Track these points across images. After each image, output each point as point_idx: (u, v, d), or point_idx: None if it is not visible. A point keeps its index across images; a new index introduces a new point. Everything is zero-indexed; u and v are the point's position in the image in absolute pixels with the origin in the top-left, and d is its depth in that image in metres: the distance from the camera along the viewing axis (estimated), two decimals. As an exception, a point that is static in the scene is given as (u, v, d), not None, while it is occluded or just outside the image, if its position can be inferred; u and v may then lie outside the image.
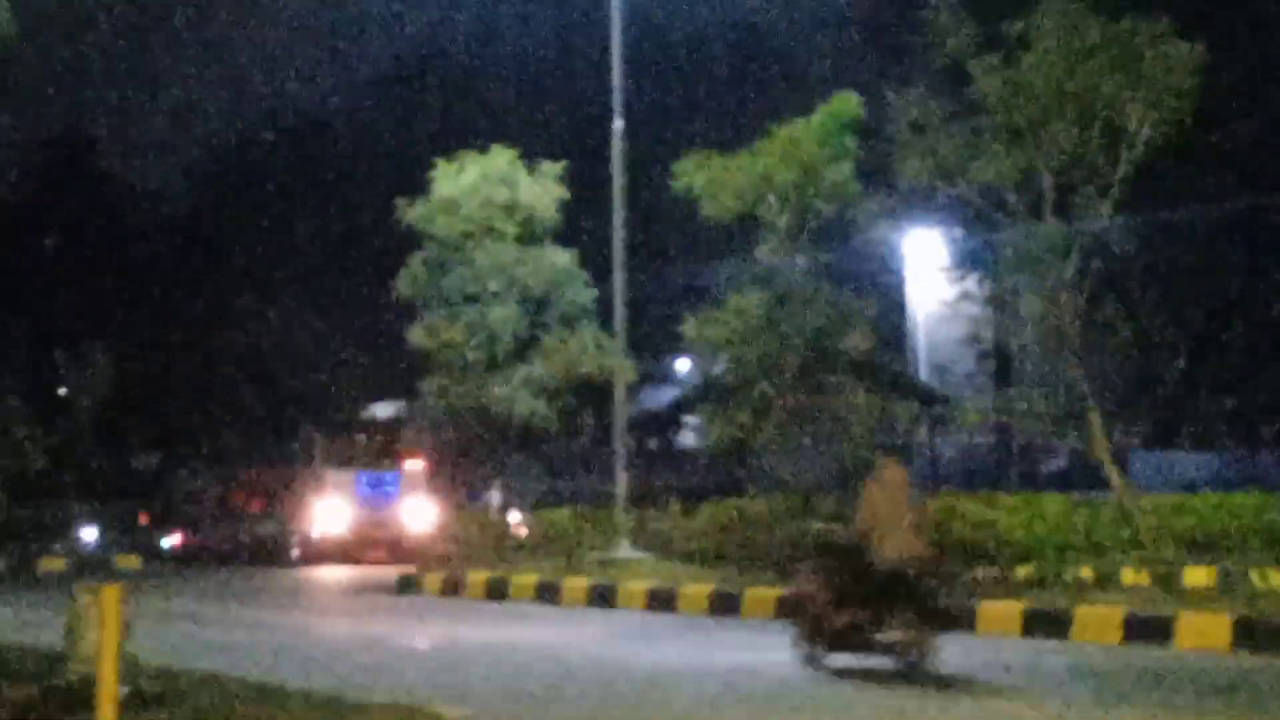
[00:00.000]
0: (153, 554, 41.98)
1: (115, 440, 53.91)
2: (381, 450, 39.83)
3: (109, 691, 10.61)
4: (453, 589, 29.73)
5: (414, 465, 39.18)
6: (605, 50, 33.33)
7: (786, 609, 19.66)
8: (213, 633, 23.17)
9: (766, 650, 18.85)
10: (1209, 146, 34.51)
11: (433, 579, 30.50)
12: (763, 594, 24.71)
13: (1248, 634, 19.24)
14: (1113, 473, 24.83)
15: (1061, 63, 24.08)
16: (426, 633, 23.29)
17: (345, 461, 39.34)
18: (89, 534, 43.78)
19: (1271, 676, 17.23)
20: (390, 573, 32.87)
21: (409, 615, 26.20)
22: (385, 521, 37.85)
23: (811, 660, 17.22)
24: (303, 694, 13.90)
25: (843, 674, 16.98)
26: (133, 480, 50.92)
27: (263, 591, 32.17)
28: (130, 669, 12.60)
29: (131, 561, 40.24)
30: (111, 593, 10.99)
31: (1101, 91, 24.05)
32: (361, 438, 40.55)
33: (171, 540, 43.50)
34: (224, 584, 34.12)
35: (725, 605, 24.92)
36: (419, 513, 36.82)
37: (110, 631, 10.72)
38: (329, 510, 38.72)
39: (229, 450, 53.32)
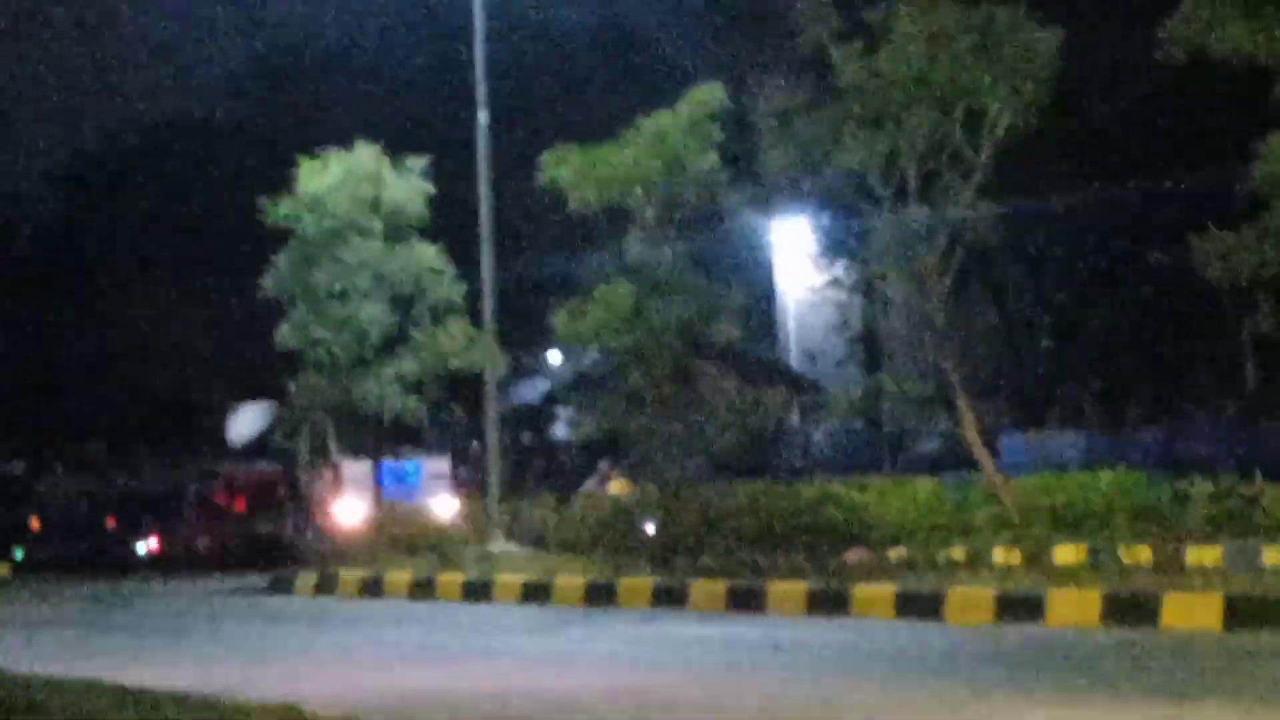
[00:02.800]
0: (127, 562, 39.45)
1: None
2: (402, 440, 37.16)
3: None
4: (326, 589, 29.57)
5: (438, 456, 36.80)
6: (469, 44, 33.24)
7: None
8: (82, 638, 22.91)
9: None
10: (1068, 131, 34.88)
11: (305, 579, 30.31)
12: (638, 583, 24.79)
13: (1117, 609, 19.52)
14: (982, 454, 25.08)
15: (921, 50, 24.25)
16: (300, 635, 23.14)
17: (363, 452, 35.47)
18: None
19: (1139, 649, 17.51)
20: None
21: (284, 618, 26.03)
22: (408, 516, 34.00)
23: None
24: (176, 697, 13.76)
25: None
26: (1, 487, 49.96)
27: (135, 596, 31.84)
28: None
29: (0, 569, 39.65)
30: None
31: (961, 79, 24.24)
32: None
33: (147, 545, 40.60)
34: (95, 591, 33.73)
35: (601, 596, 24.97)
36: (443, 506, 33.96)
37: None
38: (345, 505, 34.58)
39: (98, 454, 52.63)
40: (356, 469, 34.49)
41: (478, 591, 26.81)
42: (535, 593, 25.99)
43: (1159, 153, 38.13)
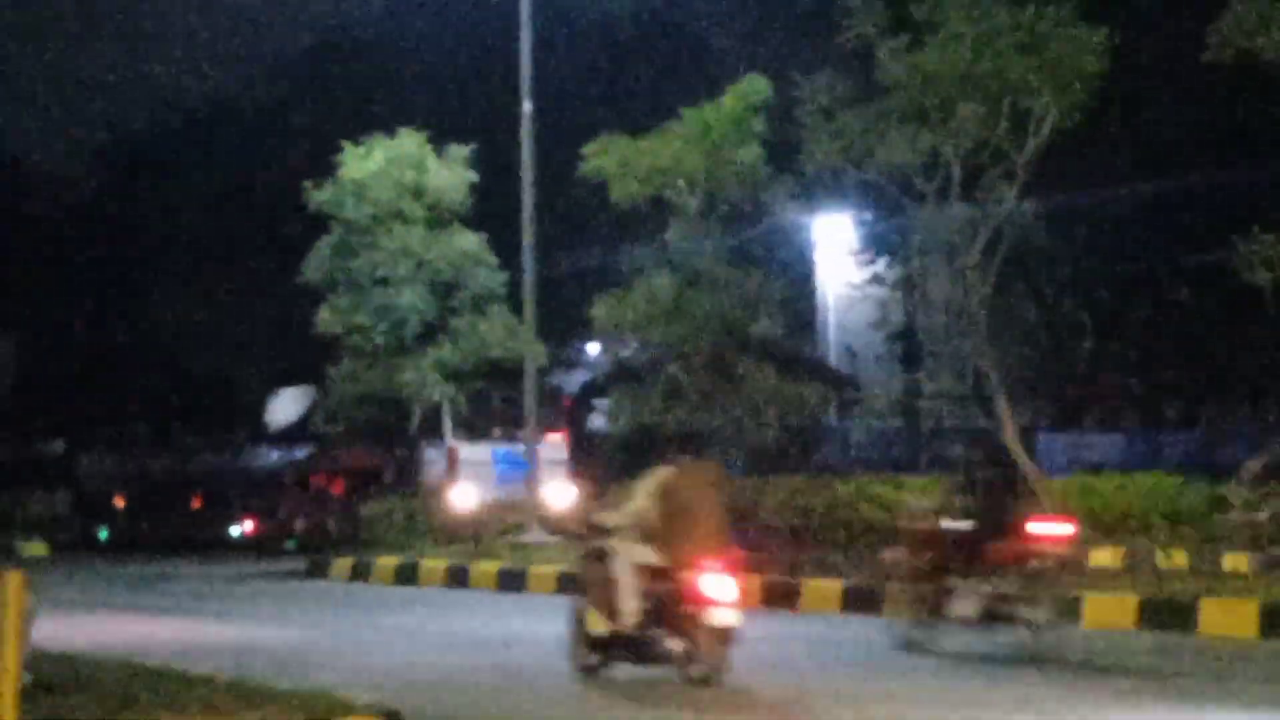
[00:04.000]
0: (217, 543, 39.41)
1: (21, 428, 53.38)
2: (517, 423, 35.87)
3: (10, 679, 10.47)
4: (361, 575, 29.63)
5: (553, 440, 35.30)
6: (514, 33, 33.23)
7: None
8: (119, 621, 22.99)
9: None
10: (1114, 130, 34.73)
11: (340, 564, 30.38)
12: (673, 577, 24.71)
13: (1154, 613, 19.44)
14: (1019, 454, 24.98)
15: (968, 46, 24.18)
16: (333, 620, 23.15)
17: (478, 436, 34.77)
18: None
19: (1175, 653, 17.46)
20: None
21: (313, 603, 26.08)
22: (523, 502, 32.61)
23: None
24: (207, 680, 13.82)
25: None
26: (40, 468, 50.17)
27: (174, 579, 31.95)
28: (34, 656, 12.47)
29: (39, 549, 39.77)
30: (15, 579, 10.82)
31: (1007, 75, 24.16)
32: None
33: (243, 527, 40.20)
34: (136, 573, 33.84)
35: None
36: (558, 494, 32.14)
37: (12, 619, 10.57)
38: (459, 491, 32.66)
39: (138, 436, 52.83)
40: (473, 452, 33.76)
41: (512, 581, 26.81)
42: (569, 583, 25.95)
43: (1203, 154, 37.94)
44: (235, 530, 39.78)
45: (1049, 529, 17.34)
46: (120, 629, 20.95)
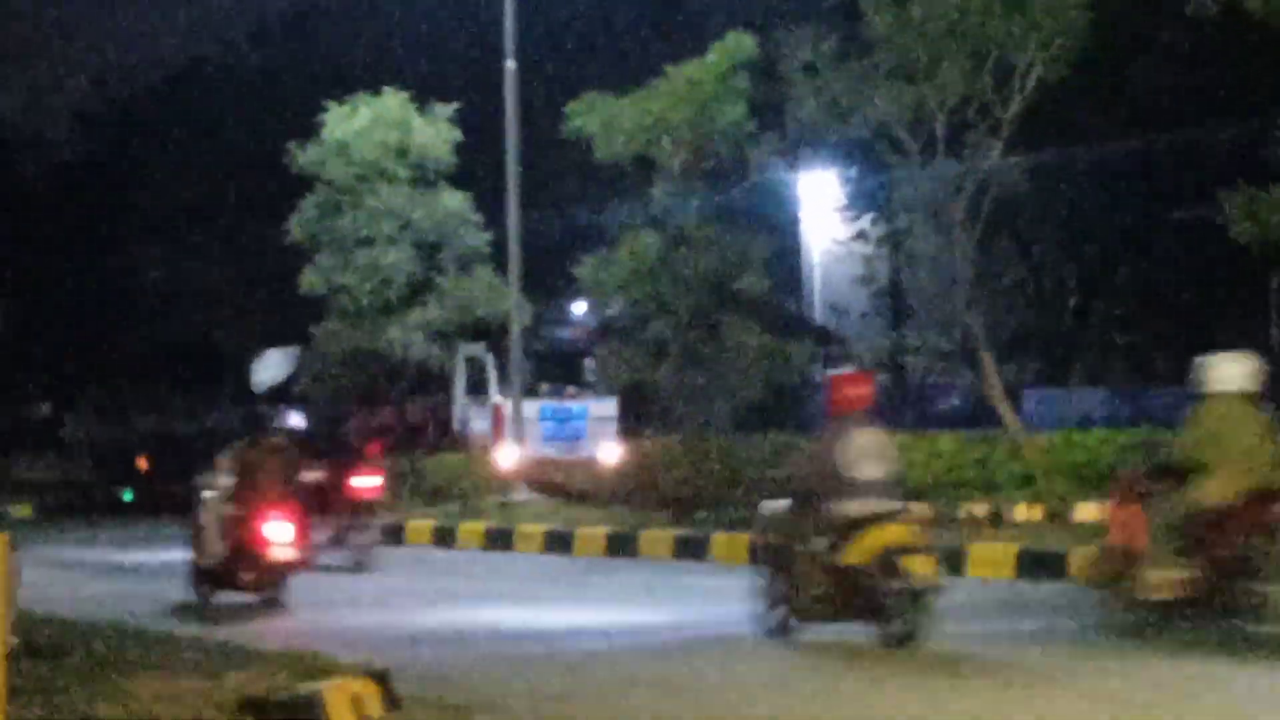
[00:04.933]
0: None
1: (7, 391, 53.27)
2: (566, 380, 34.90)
3: (-4, 642, 10.42)
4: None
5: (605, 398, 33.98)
6: (497, -9, 33.09)
7: None
8: (103, 582, 22.99)
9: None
10: (1100, 84, 34.69)
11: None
12: (659, 535, 24.80)
13: (1139, 567, 19.45)
14: (1005, 410, 25.02)
15: (953, 1, 24.11)
16: (319, 581, 23.16)
17: (524, 393, 32.88)
18: None
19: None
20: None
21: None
22: (572, 462, 31.87)
23: None
24: (195, 642, 13.84)
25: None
26: (26, 430, 50.03)
27: (150, 540, 31.92)
28: (20, 619, 12.45)
29: (24, 510, 39.66)
30: (0, 541, 10.78)
31: (992, 30, 24.10)
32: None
33: None
34: (122, 532, 33.80)
35: (622, 547, 25.00)
36: (609, 451, 31.06)
37: (-3, 581, 10.52)
38: (505, 450, 31.64)
39: (127, 398, 52.71)
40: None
41: (499, 540, 26.83)
42: (556, 542, 26.02)
43: (1190, 108, 37.88)
44: None
45: (363, 481, 24.37)
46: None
